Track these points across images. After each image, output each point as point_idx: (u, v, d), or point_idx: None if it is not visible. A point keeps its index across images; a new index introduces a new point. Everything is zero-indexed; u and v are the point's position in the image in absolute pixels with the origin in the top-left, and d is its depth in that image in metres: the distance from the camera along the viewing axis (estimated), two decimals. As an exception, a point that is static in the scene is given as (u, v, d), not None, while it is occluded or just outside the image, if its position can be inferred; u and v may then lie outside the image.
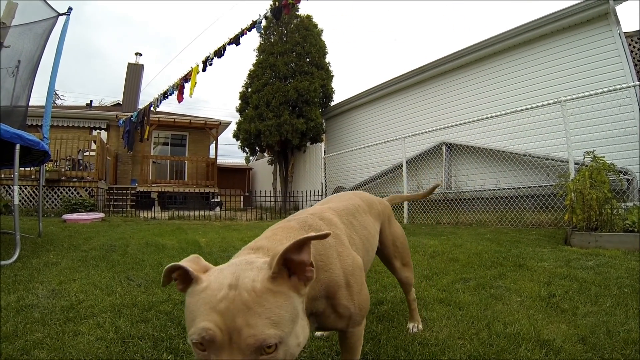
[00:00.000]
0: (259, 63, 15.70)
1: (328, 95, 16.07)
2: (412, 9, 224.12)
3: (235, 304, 0.88)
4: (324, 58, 15.87)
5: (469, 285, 3.07)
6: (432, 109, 11.95)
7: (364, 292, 1.35)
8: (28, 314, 2.38)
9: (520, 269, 3.53)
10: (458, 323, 2.24)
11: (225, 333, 0.84)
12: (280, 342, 0.89)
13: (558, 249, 4.45)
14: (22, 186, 11.85)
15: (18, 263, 3.86)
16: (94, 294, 2.87)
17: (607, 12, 8.26)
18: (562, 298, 2.61)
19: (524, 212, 7.27)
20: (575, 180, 4.96)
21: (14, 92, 5.47)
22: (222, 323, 0.85)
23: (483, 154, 8.99)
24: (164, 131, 19.70)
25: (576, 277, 3.10)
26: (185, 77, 11.96)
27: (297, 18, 15.70)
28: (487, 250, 4.56)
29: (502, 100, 9.92)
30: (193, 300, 0.94)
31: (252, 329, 0.85)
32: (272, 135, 14.39)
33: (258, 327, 0.86)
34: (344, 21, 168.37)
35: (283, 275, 0.97)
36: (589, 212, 4.67)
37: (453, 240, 5.53)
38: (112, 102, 28.36)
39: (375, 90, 13.90)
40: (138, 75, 22.56)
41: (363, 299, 1.34)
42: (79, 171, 13.43)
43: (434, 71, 11.90)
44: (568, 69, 8.82)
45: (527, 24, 9.44)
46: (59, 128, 17.22)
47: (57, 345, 1.92)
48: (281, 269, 0.96)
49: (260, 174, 23.13)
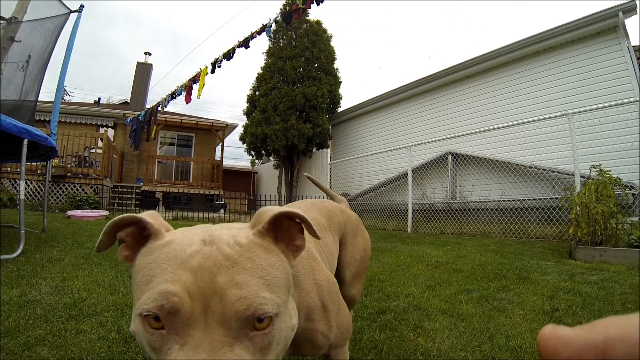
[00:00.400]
0: (268, 67, 15.76)
1: (335, 101, 16.10)
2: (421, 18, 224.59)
3: (213, 258, 0.69)
4: (332, 64, 15.91)
5: (472, 296, 3.06)
6: (438, 118, 11.96)
7: (342, 313, 1.16)
8: (30, 309, 2.39)
9: (523, 282, 3.51)
10: (460, 335, 2.22)
11: (198, 299, 0.64)
12: (277, 315, 0.69)
13: (562, 262, 4.43)
14: (28, 180, 11.92)
15: (22, 257, 3.87)
16: (97, 292, 2.87)
17: (616, 25, 8.27)
18: (565, 312, 2.59)
19: (529, 225, 7.24)
20: (581, 193, 4.94)
21: (23, 86, 5.50)
22: (193, 285, 0.65)
23: (489, 164, 8.97)
24: (170, 131, 19.77)
25: (580, 292, 3.09)
26: (194, 78, 11.99)
27: (306, 23, 15.77)
28: (491, 261, 4.54)
29: (509, 111, 9.92)
30: (149, 259, 0.73)
31: (241, 289, 0.66)
32: (278, 139, 14.42)
33: (250, 287, 0.67)
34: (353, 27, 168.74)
35: (271, 236, 0.80)
36: (594, 226, 4.64)
37: (457, 250, 5.50)
38: (120, 100, 28.51)
39: (383, 97, 13.93)
40: (147, 74, 22.69)
41: (342, 321, 1.14)
42: (84, 168, 13.49)
43: (442, 80, 11.92)
44: (576, 82, 8.83)
45: (536, 35, 9.45)
46: (67, 124, 17.31)
47: (59, 342, 1.92)
48: (269, 229, 0.80)
49: (266, 177, 23.13)
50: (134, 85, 22.28)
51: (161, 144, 20.09)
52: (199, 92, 11.73)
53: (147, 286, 0.68)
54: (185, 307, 0.64)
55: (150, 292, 0.66)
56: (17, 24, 5.50)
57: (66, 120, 17.57)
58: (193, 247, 0.71)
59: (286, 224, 0.84)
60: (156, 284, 0.67)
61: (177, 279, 0.66)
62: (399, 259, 4.78)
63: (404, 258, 4.86)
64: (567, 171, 7.45)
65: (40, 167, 12.01)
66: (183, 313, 0.64)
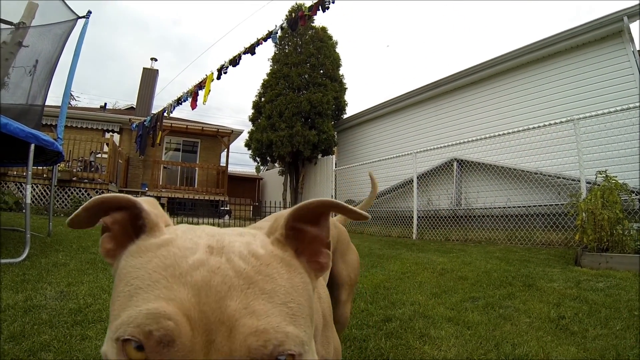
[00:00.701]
0: (273, 73, 15.81)
1: (341, 107, 16.11)
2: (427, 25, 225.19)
3: (222, 274, 0.53)
4: (337, 70, 15.94)
5: (477, 304, 3.04)
6: (444, 125, 11.95)
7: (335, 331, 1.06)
8: (36, 314, 2.39)
9: (529, 289, 3.49)
10: (466, 343, 2.21)
11: (200, 328, 0.48)
12: (300, 356, 0.53)
13: (568, 269, 4.40)
14: (34, 184, 11.96)
15: (27, 262, 3.87)
16: (102, 298, 2.87)
17: (621, 30, 8.25)
18: (571, 320, 2.57)
19: (534, 231, 7.20)
20: (587, 199, 4.92)
21: (30, 91, 5.53)
22: (194, 307, 0.49)
23: (494, 171, 8.94)
24: (176, 137, 19.83)
25: (586, 299, 3.07)
26: (200, 84, 12.03)
27: (312, 29, 15.80)
28: (497, 269, 4.52)
29: (515, 117, 9.89)
30: (137, 262, 0.57)
31: (258, 319, 0.50)
32: (283, 146, 14.44)
33: (270, 317, 0.51)
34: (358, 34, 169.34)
35: (292, 248, 0.64)
36: (600, 232, 4.61)
37: (462, 257, 5.48)
38: (126, 105, 28.64)
39: (388, 104, 13.94)
40: (153, 80, 22.77)
41: (337, 340, 1.04)
42: (90, 172, 13.53)
43: (447, 87, 11.92)
44: (581, 87, 8.80)
45: (541, 41, 9.44)
46: (73, 129, 17.40)
47: (64, 348, 1.92)
48: (288, 237, 0.64)
49: (271, 184, 23.16)
50: (140, 91, 22.37)
51: (166, 149, 20.16)
52: (205, 98, 11.76)
53: (130, 300, 0.52)
54: (183, 337, 0.48)
55: (134, 309, 0.50)
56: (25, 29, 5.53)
57: (72, 125, 17.66)
58: (197, 255, 0.55)
59: (310, 235, 0.68)
60: (144, 300, 0.51)
61: (174, 296, 0.50)
62: (404, 266, 4.77)
63: (409, 265, 4.85)
64: (572, 177, 7.42)
65: (46, 172, 12.05)
66: (179, 346, 0.47)
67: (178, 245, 0.57)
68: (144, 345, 0.48)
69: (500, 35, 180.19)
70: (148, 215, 0.62)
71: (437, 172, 10.23)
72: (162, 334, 0.47)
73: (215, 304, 0.50)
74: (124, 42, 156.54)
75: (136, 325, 0.48)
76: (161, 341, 0.48)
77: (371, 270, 4.51)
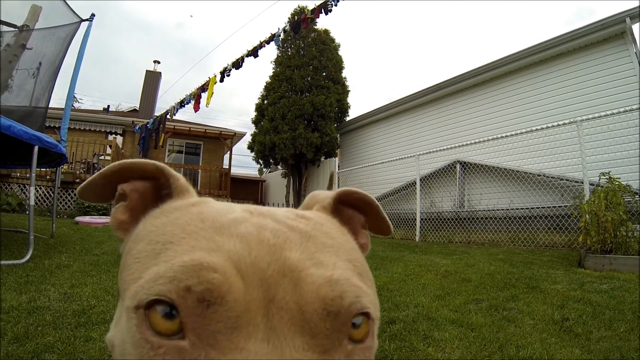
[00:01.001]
0: (276, 75, 15.84)
1: (343, 110, 16.13)
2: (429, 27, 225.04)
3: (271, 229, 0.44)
4: (340, 73, 15.96)
5: (481, 306, 3.04)
6: (447, 127, 11.94)
7: None
8: (40, 316, 2.40)
9: (533, 291, 3.49)
10: (470, 345, 2.21)
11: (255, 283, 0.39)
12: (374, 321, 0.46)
13: (572, 271, 4.39)
14: (37, 186, 11.99)
15: (30, 263, 3.88)
16: (106, 299, 2.88)
17: (624, 31, 8.23)
18: (575, 322, 2.57)
19: (537, 233, 7.18)
20: (590, 201, 4.90)
21: (33, 93, 5.55)
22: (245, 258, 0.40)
23: (497, 173, 8.93)
24: (178, 139, 19.85)
25: (590, 301, 3.06)
26: (203, 86, 12.05)
27: (314, 32, 15.83)
28: (500, 270, 4.51)
29: (517, 119, 9.88)
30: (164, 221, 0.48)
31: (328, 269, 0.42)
32: (286, 148, 14.46)
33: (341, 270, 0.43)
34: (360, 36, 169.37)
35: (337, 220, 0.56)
36: (604, 234, 4.60)
37: (465, 259, 5.48)
38: (128, 107, 28.69)
39: (391, 106, 13.93)
40: (155, 82, 22.85)
41: None
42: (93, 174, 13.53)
43: (450, 89, 11.92)
44: (584, 89, 8.78)
45: (543, 43, 9.43)
46: (76, 131, 17.45)
47: (68, 350, 1.93)
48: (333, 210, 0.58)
49: (273, 186, 23.14)
50: (143, 93, 22.44)
51: (169, 151, 20.18)
52: (208, 100, 11.78)
53: (157, 258, 0.42)
54: (234, 293, 0.37)
55: (162, 265, 0.40)
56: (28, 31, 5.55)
57: (75, 127, 17.71)
58: (237, 213, 0.47)
59: (347, 215, 0.62)
60: (176, 253, 0.41)
61: (218, 247, 0.40)
62: (408, 269, 4.76)
63: (413, 267, 4.84)
64: (576, 179, 7.40)
65: (49, 173, 12.08)
66: (229, 304, 0.37)
67: (213, 205, 0.50)
68: (178, 307, 0.37)
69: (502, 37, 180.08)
70: (178, 180, 0.56)
71: (440, 174, 10.22)
72: (205, 288, 0.37)
73: (271, 255, 0.41)
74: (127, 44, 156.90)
75: (168, 281, 0.38)
76: (204, 299, 0.37)
77: (374, 273, 4.49)
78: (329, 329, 0.39)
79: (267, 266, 0.40)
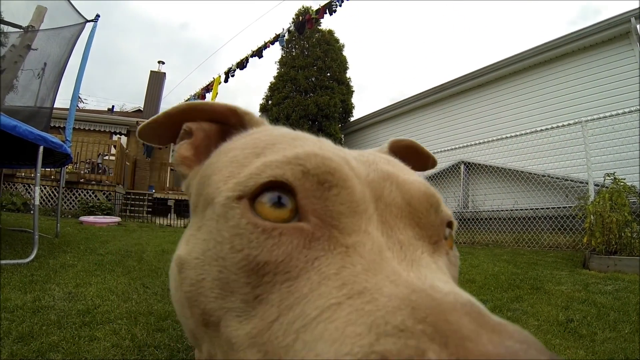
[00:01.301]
0: (280, 76, 15.86)
1: (348, 110, 16.14)
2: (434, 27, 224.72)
3: (358, 152, 0.50)
4: (344, 73, 15.97)
5: (485, 307, 3.03)
6: (451, 128, 11.92)
7: None
8: (44, 315, 2.40)
9: (537, 292, 3.47)
10: (474, 345, 2.20)
11: (363, 181, 0.41)
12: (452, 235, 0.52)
13: (576, 272, 4.37)
14: (42, 186, 12.02)
15: (35, 263, 3.89)
16: (110, 299, 2.88)
17: (629, 31, 8.20)
18: (580, 323, 2.56)
19: (542, 234, 7.16)
20: (595, 202, 4.88)
21: (39, 94, 5.58)
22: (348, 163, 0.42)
23: (501, 173, 8.90)
24: (182, 139, 19.85)
25: (595, 302, 3.05)
26: (207, 87, 12.07)
27: (318, 32, 15.83)
28: (504, 271, 4.49)
29: (522, 119, 9.85)
30: (254, 135, 0.50)
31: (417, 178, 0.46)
32: (290, 148, 14.45)
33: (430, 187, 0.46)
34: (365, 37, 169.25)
35: None
36: (609, 235, 4.58)
37: (469, 260, 5.46)
38: (133, 108, 28.74)
39: (395, 107, 13.93)
40: (160, 82, 22.86)
41: None
42: (97, 174, 13.58)
43: (454, 89, 11.90)
44: (589, 89, 8.76)
45: (548, 43, 9.41)
46: (81, 131, 17.47)
47: (72, 349, 1.93)
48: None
49: (277, 185, 23.07)
50: (147, 94, 22.45)
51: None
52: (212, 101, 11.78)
53: (259, 157, 0.42)
54: (352, 180, 0.39)
55: (272, 156, 0.41)
56: (34, 32, 5.57)
57: (80, 127, 17.73)
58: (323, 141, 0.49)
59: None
60: (283, 149, 0.42)
61: (322, 147, 0.43)
62: (411, 268, 4.75)
63: (416, 267, 4.82)
64: (580, 179, 7.37)
65: (54, 173, 12.11)
66: (350, 189, 0.38)
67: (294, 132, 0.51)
68: (295, 189, 0.38)
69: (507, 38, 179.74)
70: (252, 115, 0.57)
71: (445, 174, 10.20)
72: (326, 170, 0.38)
73: (368, 166, 0.44)
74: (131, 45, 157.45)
75: (284, 164, 0.38)
76: (325, 180, 0.38)
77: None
78: (433, 221, 0.43)
79: (367, 173, 0.42)
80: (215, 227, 0.41)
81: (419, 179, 0.45)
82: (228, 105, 0.57)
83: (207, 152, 0.56)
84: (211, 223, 0.42)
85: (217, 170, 0.46)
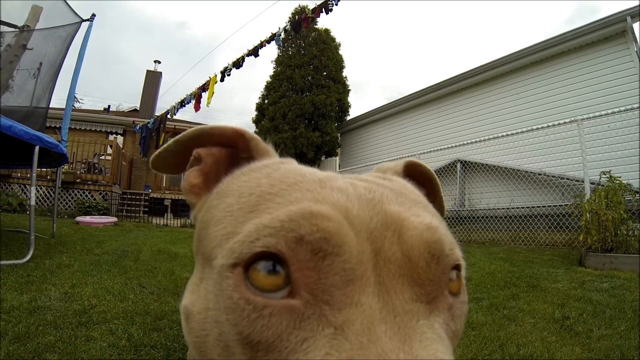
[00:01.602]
0: (276, 75, 15.86)
1: (344, 109, 16.15)
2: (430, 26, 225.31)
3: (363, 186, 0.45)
4: (341, 72, 15.98)
5: (482, 305, 3.04)
6: (447, 126, 11.94)
7: None
8: (40, 315, 2.39)
9: (533, 290, 3.48)
10: (471, 343, 2.21)
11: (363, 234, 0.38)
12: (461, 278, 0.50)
13: (572, 270, 4.38)
14: (38, 186, 11.98)
15: (31, 263, 3.88)
16: (107, 299, 2.88)
17: (625, 30, 8.23)
18: (576, 320, 2.57)
19: (538, 232, 7.17)
20: (591, 200, 4.90)
21: (34, 93, 5.55)
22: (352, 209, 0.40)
23: (497, 172, 8.92)
24: (179, 138, 19.82)
25: (591, 299, 3.06)
26: (203, 86, 12.04)
27: (315, 31, 15.84)
28: (501, 269, 4.50)
29: (518, 118, 9.87)
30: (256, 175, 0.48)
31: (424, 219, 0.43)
32: (287, 147, 14.48)
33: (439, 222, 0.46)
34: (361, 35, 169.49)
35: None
36: (605, 233, 4.60)
37: (466, 258, 5.40)
38: (129, 107, 28.67)
39: (391, 106, 13.94)
40: (156, 82, 22.81)
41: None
42: (94, 174, 13.55)
43: (450, 88, 11.91)
44: (585, 88, 8.78)
45: (544, 41, 9.43)
46: (77, 131, 17.44)
47: (69, 349, 1.93)
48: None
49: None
50: (144, 93, 22.39)
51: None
52: (209, 100, 11.78)
53: (253, 212, 0.41)
54: (350, 243, 0.36)
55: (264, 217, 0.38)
56: (29, 32, 5.55)
57: (76, 127, 17.69)
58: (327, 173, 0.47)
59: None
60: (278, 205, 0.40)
61: (323, 198, 0.40)
62: (408, 267, 4.75)
63: (413, 265, 4.83)
64: (576, 178, 7.40)
65: (50, 173, 12.08)
66: (346, 255, 0.36)
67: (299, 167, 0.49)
68: (288, 261, 0.36)
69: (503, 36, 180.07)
70: (259, 142, 0.58)
71: (441, 173, 10.20)
72: (321, 237, 0.35)
73: (372, 209, 0.41)
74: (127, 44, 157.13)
75: (276, 231, 0.36)
76: (319, 249, 0.35)
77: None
78: (433, 274, 0.40)
79: (370, 219, 0.40)
80: (212, 290, 0.41)
81: (425, 221, 0.42)
82: (236, 129, 0.58)
83: (217, 178, 0.55)
84: (210, 283, 0.42)
85: (213, 220, 0.46)
